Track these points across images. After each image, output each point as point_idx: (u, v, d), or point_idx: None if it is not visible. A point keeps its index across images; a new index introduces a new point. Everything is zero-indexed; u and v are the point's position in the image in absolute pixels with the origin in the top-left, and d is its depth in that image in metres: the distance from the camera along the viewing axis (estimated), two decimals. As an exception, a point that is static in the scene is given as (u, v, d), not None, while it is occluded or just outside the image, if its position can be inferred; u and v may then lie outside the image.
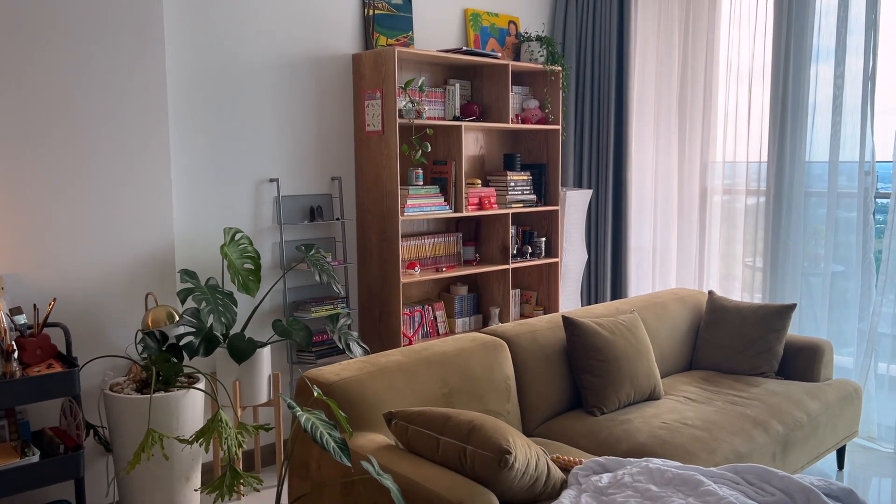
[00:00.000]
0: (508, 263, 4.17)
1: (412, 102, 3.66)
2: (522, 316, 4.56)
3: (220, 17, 3.28)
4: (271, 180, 3.50)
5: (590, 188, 4.73)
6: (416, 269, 3.84)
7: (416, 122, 3.67)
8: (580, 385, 2.92)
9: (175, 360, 2.79)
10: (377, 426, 2.34)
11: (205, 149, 3.28)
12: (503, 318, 4.23)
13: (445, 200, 3.89)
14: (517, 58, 4.51)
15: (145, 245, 3.02)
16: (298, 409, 1.83)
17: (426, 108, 3.89)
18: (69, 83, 2.80)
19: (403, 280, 3.66)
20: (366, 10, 3.79)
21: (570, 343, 2.95)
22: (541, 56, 4.32)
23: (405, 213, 3.67)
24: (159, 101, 3.01)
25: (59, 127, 2.79)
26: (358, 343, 3.24)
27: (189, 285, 2.98)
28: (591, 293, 4.82)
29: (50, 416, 2.80)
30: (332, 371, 2.39)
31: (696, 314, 3.65)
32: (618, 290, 4.74)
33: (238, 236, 3.20)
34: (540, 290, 4.54)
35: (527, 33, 4.48)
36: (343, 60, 3.73)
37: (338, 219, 3.72)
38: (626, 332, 3.02)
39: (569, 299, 4.62)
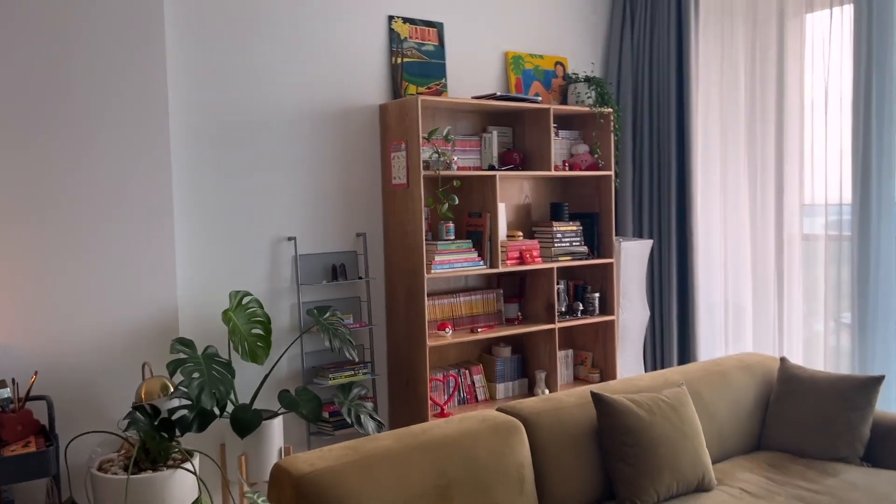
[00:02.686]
0: (554, 322, 3.80)
1: (438, 153, 3.42)
2: (576, 379, 4.16)
3: (232, 67, 3.16)
4: (289, 238, 3.32)
5: (650, 238, 4.31)
6: (448, 329, 3.54)
7: (444, 173, 3.41)
8: (611, 474, 2.51)
9: (166, 435, 2.61)
10: (355, 525, 2.04)
11: (215, 208, 3.14)
12: (550, 382, 3.85)
13: (480, 255, 3.59)
14: (564, 100, 4.20)
15: (145, 313, 2.88)
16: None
17: (456, 157, 3.64)
18: (66, 140, 2.72)
19: (430, 343, 3.37)
20: (393, 59, 3.61)
21: (601, 423, 2.56)
22: (588, 98, 3.99)
23: (432, 271, 3.40)
24: (162, 161, 2.90)
25: (54, 191, 2.71)
26: (371, 416, 2.96)
27: (181, 355, 2.81)
28: (655, 355, 4.36)
29: (38, 493, 2.66)
30: (306, 460, 2.12)
31: (765, 385, 3.15)
32: (686, 353, 4.25)
33: (246, 300, 3.02)
34: (596, 350, 4.13)
35: (575, 74, 4.16)
36: (369, 111, 3.54)
37: (361, 277, 3.49)
38: (669, 410, 2.60)
39: (629, 363, 4.18)
